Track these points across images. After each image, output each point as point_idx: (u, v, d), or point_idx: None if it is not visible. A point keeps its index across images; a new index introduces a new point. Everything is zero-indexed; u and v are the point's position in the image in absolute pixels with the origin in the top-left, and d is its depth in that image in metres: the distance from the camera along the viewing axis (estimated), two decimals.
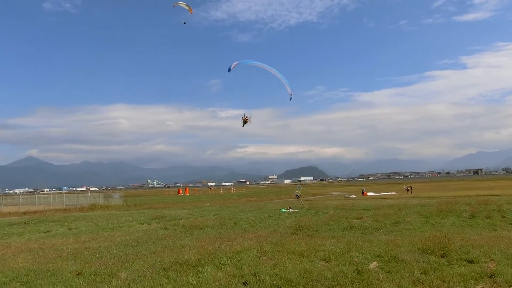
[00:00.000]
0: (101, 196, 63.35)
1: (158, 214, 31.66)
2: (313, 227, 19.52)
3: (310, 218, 24.64)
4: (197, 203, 57.46)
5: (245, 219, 25.48)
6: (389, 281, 8.83)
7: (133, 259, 12.81)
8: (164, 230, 21.63)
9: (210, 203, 57.82)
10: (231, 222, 24.22)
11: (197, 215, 31.04)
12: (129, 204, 57.45)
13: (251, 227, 21.48)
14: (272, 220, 24.91)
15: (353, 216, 24.23)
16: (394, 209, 27.33)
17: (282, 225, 21.35)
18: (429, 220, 20.74)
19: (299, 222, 21.42)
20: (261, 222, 23.57)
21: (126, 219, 29.16)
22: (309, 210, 31.54)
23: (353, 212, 27.23)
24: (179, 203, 61.26)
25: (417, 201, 37.31)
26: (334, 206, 34.69)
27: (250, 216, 27.85)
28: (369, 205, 33.93)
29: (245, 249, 13.39)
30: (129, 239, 18.29)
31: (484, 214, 21.78)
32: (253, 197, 77.50)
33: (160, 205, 54.99)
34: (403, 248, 12.19)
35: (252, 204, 48.41)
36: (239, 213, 30.70)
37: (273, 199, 67.43)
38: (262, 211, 32.03)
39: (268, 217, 26.84)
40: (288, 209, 32.51)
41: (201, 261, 11.55)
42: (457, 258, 10.52)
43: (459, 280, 8.64)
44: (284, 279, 9.22)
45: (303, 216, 26.11)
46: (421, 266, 9.88)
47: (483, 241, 13.01)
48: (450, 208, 25.45)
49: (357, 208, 30.28)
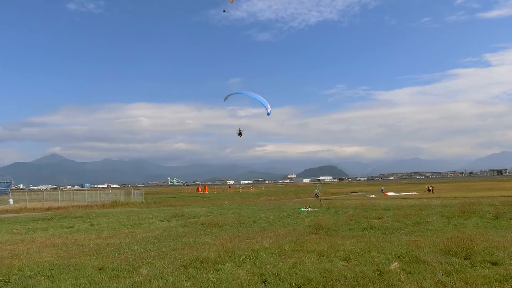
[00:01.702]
0: (122, 193, 64.42)
1: (177, 212, 31.98)
2: (333, 226, 19.44)
3: (329, 217, 24.53)
4: (216, 201, 57.78)
5: (264, 218, 25.53)
6: (410, 282, 8.72)
7: (154, 256, 12.98)
8: (183, 227, 21.85)
9: (229, 201, 58.08)
10: (250, 220, 24.30)
11: (216, 213, 31.24)
12: (149, 202, 58.14)
13: (270, 225, 21.50)
14: (291, 219, 24.88)
15: (373, 216, 24.02)
16: (415, 209, 26.98)
17: (301, 224, 21.31)
18: (451, 221, 20.40)
19: (318, 221, 21.31)
20: (280, 221, 23.57)
21: (146, 216, 29.56)
22: (328, 210, 31.39)
23: (373, 212, 26.98)
24: (198, 201, 61.71)
25: (439, 202, 36.72)
26: (354, 205, 34.43)
27: (269, 214, 27.88)
28: (390, 205, 33.55)
29: (264, 247, 13.42)
30: (149, 236, 18.56)
31: (509, 216, 21.32)
32: (272, 195, 77.45)
33: (179, 203, 55.49)
34: (425, 249, 12.02)
35: (271, 203, 48.41)
36: (258, 212, 30.77)
37: (292, 198, 67.30)
38: (281, 210, 32.03)
39: (287, 216, 26.83)
40: (307, 208, 32.42)
41: (220, 259, 11.62)
42: (480, 260, 10.32)
43: (483, 283, 8.47)
44: (304, 278, 9.20)
45: (322, 215, 26.01)
46: (443, 267, 9.73)
47: (507, 243, 12.72)
48: (473, 209, 24.95)
49: (377, 208, 29.99)
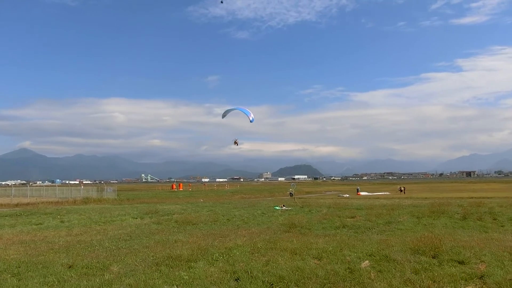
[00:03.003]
0: (94, 189, 63.11)
1: (151, 209, 31.65)
2: (306, 225, 19.61)
3: (303, 216, 24.73)
4: (191, 199, 57.40)
5: (239, 216, 25.54)
6: (380, 280, 8.89)
7: (126, 253, 12.80)
8: (157, 225, 21.62)
9: (204, 199, 57.84)
10: (225, 218, 24.26)
11: (191, 210, 31.06)
12: (122, 199, 57.31)
13: (244, 223, 21.52)
14: (266, 217, 24.97)
15: (346, 215, 24.35)
16: (387, 209, 27.49)
17: (275, 223, 21.40)
18: (421, 220, 20.88)
19: (292, 220, 21.49)
20: (254, 219, 23.62)
21: (119, 213, 29.11)
22: (302, 208, 31.63)
23: (346, 211, 27.36)
24: (172, 198, 61.18)
25: (410, 202, 37.53)
26: (328, 204, 34.82)
27: (244, 212, 27.91)
28: (362, 204, 34.09)
29: (237, 245, 13.43)
30: (121, 233, 18.28)
31: (476, 216, 21.96)
32: (247, 194, 77.52)
33: (153, 200, 54.91)
34: (395, 247, 12.27)
35: (246, 201, 48.48)
36: (233, 210, 30.76)
37: (267, 196, 67.51)
38: (255, 208, 32.09)
39: (261, 214, 26.91)
40: (281, 207, 32.59)
41: (193, 257, 11.57)
42: (448, 259, 10.60)
43: (450, 281, 8.71)
44: (276, 276, 9.25)
45: (296, 214, 26.20)
46: (412, 266, 9.96)
47: (474, 242, 13.10)
48: (442, 209, 25.62)
49: (350, 207, 30.43)
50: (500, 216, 21.93)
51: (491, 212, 23.89)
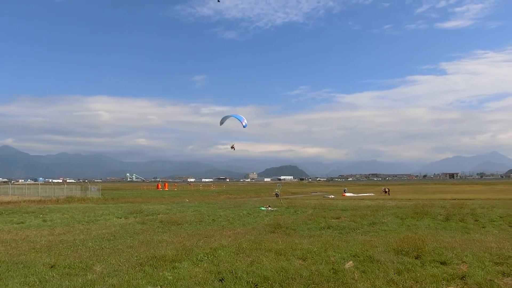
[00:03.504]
0: (78, 188, 62.34)
1: (136, 209, 31.38)
2: (291, 225, 19.66)
3: (288, 216, 24.80)
4: (176, 199, 57.14)
5: (224, 216, 25.49)
6: (363, 281, 8.97)
7: (109, 253, 12.67)
8: (141, 224, 21.44)
9: (189, 199, 57.60)
10: (210, 218, 24.19)
11: (176, 210, 30.89)
12: (107, 198, 56.68)
13: (230, 224, 21.48)
14: (251, 217, 24.96)
15: (331, 216, 24.50)
16: (371, 210, 27.76)
17: (261, 223, 21.41)
18: (404, 221, 21.11)
19: (278, 220, 21.54)
20: (240, 220, 23.60)
21: (103, 212, 28.79)
22: (287, 209, 31.71)
23: (331, 212, 27.52)
24: (157, 198, 60.77)
25: (394, 203, 37.91)
26: (313, 205, 35.00)
27: (229, 213, 27.86)
28: (347, 205, 34.34)
29: (222, 246, 13.41)
30: (105, 232, 18.07)
31: (458, 217, 22.31)
32: (232, 194, 77.50)
33: (138, 200, 54.48)
34: (379, 248, 12.40)
35: (231, 201, 48.42)
36: (218, 210, 30.67)
37: (253, 197, 67.60)
38: (241, 209, 32.07)
39: (246, 214, 26.89)
40: (267, 207, 32.62)
41: (178, 257, 11.51)
42: (430, 260, 10.75)
43: (432, 281, 8.83)
44: (261, 276, 9.26)
45: (282, 215, 26.26)
46: (395, 266, 10.07)
47: (456, 243, 13.31)
48: (425, 210, 25.97)
49: (335, 208, 30.62)
50: (481, 218, 22.31)
51: (473, 214, 24.30)
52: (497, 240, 14.18)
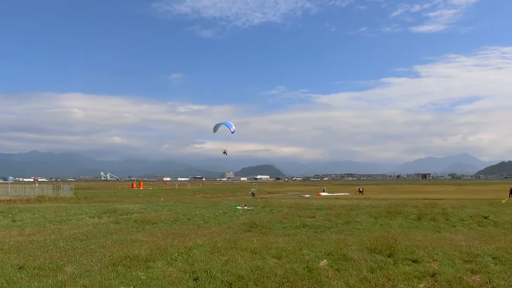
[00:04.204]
0: (49, 187, 60.78)
1: (109, 208, 30.89)
2: (267, 224, 19.71)
3: (264, 215, 24.87)
4: (151, 198, 56.53)
5: (200, 215, 25.36)
6: (337, 279, 9.05)
7: (81, 253, 12.40)
8: (115, 224, 21.11)
9: (165, 198, 57.08)
10: (185, 217, 24.02)
11: (151, 210, 30.55)
12: (80, 197, 55.58)
13: (205, 223, 21.38)
14: (227, 217, 24.92)
15: (306, 215, 24.70)
16: (346, 209, 28.11)
17: (236, 222, 21.39)
18: (378, 220, 21.47)
19: (253, 219, 21.57)
20: (215, 219, 23.52)
21: (75, 212, 28.21)
22: (263, 208, 31.80)
23: (306, 211, 27.74)
24: (132, 197, 60.00)
25: (368, 202, 38.52)
26: (289, 204, 35.21)
27: (205, 212, 27.74)
28: (322, 204, 34.68)
29: (197, 245, 13.33)
30: (77, 232, 17.70)
31: (430, 217, 22.84)
32: (208, 193, 77.19)
33: (112, 199, 53.62)
34: (353, 247, 12.55)
35: (207, 201, 48.24)
36: (194, 209, 30.49)
37: (229, 196, 67.49)
38: (217, 208, 31.98)
39: (222, 213, 26.84)
40: (243, 207, 32.62)
41: (152, 257, 11.36)
42: (402, 258, 10.94)
43: (403, 279, 8.99)
44: (236, 275, 9.24)
45: (258, 214, 26.32)
46: (368, 264, 10.21)
47: (427, 242, 13.60)
48: (398, 210, 26.47)
49: (311, 207, 30.87)
50: (452, 217, 22.91)
51: (444, 213, 24.92)
52: (467, 239, 14.57)
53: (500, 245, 12.86)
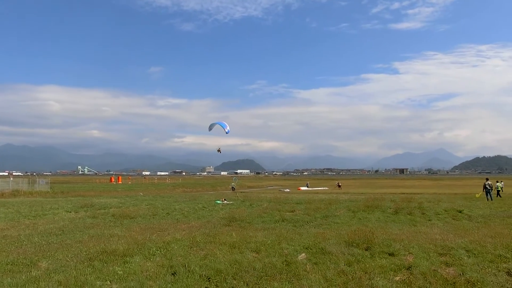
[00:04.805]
0: (25, 181, 59.37)
1: (86, 202, 30.39)
2: (246, 219, 19.73)
3: (244, 210, 24.89)
4: (130, 192, 55.91)
5: (179, 209, 25.21)
6: (315, 272, 9.12)
7: (56, 248, 12.16)
8: (92, 219, 20.79)
9: (144, 192, 56.52)
10: (164, 212, 23.85)
11: (129, 204, 30.22)
12: (56, 191, 54.52)
13: (184, 217, 21.27)
14: (206, 211, 24.85)
15: (286, 209, 24.83)
16: (325, 203, 28.34)
17: (216, 216, 21.35)
18: (356, 214, 21.74)
19: (233, 213, 21.55)
20: (195, 213, 23.43)
21: (51, 206, 27.66)
22: (243, 202, 31.83)
23: (286, 205, 27.89)
24: (110, 191, 59.16)
25: (347, 197, 38.97)
26: (268, 199, 35.33)
27: (184, 206, 27.59)
28: (302, 199, 34.91)
29: (176, 239, 13.23)
30: (53, 227, 17.35)
31: (407, 211, 23.23)
32: (188, 187, 76.82)
33: (90, 193, 52.79)
34: (331, 240, 12.66)
35: (187, 195, 48.00)
36: (173, 203, 30.31)
37: (209, 190, 67.27)
38: (196, 202, 31.85)
39: (202, 208, 26.74)
40: (222, 201, 32.57)
41: (129, 251, 11.22)
42: (379, 251, 11.09)
43: (380, 272, 9.12)
44: (214, 269, 9.21)
45: (237, 208, 26.32)
46: (346, 258, 10.32)
47: (403, 235, 13.83)
48: (376, 204, 26.85)
49: (290, 202, 31.04)
50: (428, 211, 23.38)
51: (420, 207, 25.41)
52: (442, 232, 14.87)
53: (474, 238, 13.14)
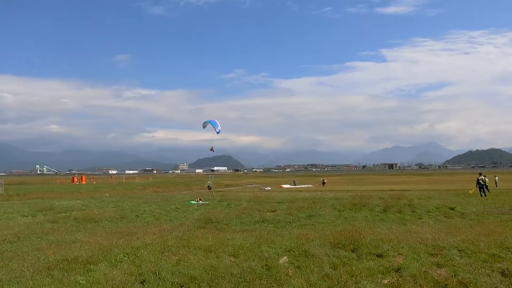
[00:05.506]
0: None
1: (46, 205, 29.83)
2: (224, 220, 19.69)
3: (220, 210, 24.83)
4: (95, 193, 55.26)
5: (149, 211, 25.01)
6: (298, 277, 9.17)
7: (11, 257, 11.88)
8: (52, 223, 20.41)
9: (110, 193, 55.94)
10: (133, 214, 23.61)
11: (94, 206, 29.82)
12: (11, 194, 53.46)
13: (155, 220, 21.11)
14: (179, 212, 24.72)
15: (267, 209, 24.88)
16: (308, 202, 28.51)
17: (190, 218, 21.25)
18: (342, 213, 21.92)
19: (209, 214, 21.47)
20: (167, 215, 23.27)
21: (5, 210, 27.06)
22: (220, 202, 31.78)
23: (266, 204, 27.96)
24: (73, 193, 58.42)
25: (332, 195, 39.33)
26: (248, 198, 35.36)
27: (155, 208, 27.39)
28: (284, 197, 35.08)
29: (146, 244, 13.09)
30: (7, 233, 16.93)
31: (396, 209, 23.53)
32: (160, 187, 76.51)
33: (49, 195, 51.91)
34: (315, 242, 12.73)
35: (159, 195, 47.65)
36: (143, 205, 30.05)
37: (183, 189, 67.08)
38: (168, 203, 31.65)
39: (175, 209, 26.59)
40: (197, 201, 32.46)
41: (93, 258, 11.05)
42: (366, 253, 11.20)
43: (367, 274, 9.22)
44: (187, 276, 9.16)
45: (214, 209, 26.26)
46: (331, 260, 10.39)
47: (392, 235, 14.00)
48: (363, 202, 27.13)
49: (271, 201, 31.14)
50: (418, 209, 23.72)
51: (410, 205, 25.76)
52: (433, 231, 15.10)
53: (466, 237, 13.38)
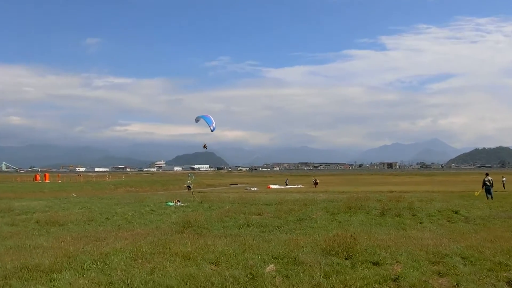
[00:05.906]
0: None
1: (3, 206, 29.56)
2: (204, 224, 19.64)
3: (201, 213, 24.76)
4: (60, 193, 54.96)
5: (121, 214, 24.87)
6: (285, 287, 9.20)
7: None
8: (10, 226, 20.19)
9: (77, 193, 55.64)
10: (103, 217, 23.47)
11: (58, 208, 29.59)
12: None
13: (128, 223, 21.00)
14: (155, 215, 24.63)
15: (252, 211, 24.88)
16: (299, 204, 28.57)
17: (167, 221, 21.18)
18: (336, 217, 21.96)
19: (188, 218, 21.40)
20: (141, 218, 23.17)
21: None
22: (201, 204, 31.76)
23: (252, 207, 27.97)
24: (35, 192, 57.95)
25: (326, 196, 39.53)
26: (231, 199, 35.37)
27: (128, 210, 27.26)
28: (272, 199, 35.10)
29: (117, 250, 13.01)
30: None
31: (395, 212, 23.62)
32: (134, 186, 76.38)
33: (7, 195, 51.38)
34: (305, 248, 12.77)
35: (132, 196, 47.44)
36: (114, 206, 29.91)
37: (159, 189, 66.97)
38: (143, 204, 31.54)
39: (150, 211, 26.50)
40: (175, 202, 32.38)
41: (57, 266, 10.96)
42: (362, 260, 11.24)
43: (362, 285, 9.27)
44: (163, 286, 9.16)
45: (193, 211, 26.20)
46: (322, 269, 10.43)
47: (390, 241, 14.07)
48: (359, 204, 27.23)
49: (258, 203, 31.16)
50: (419, 212, 23.84)
51: (411, 208, 25.91)
52: (434, 237, 15.19)
53: (471, 243, 13.48)
